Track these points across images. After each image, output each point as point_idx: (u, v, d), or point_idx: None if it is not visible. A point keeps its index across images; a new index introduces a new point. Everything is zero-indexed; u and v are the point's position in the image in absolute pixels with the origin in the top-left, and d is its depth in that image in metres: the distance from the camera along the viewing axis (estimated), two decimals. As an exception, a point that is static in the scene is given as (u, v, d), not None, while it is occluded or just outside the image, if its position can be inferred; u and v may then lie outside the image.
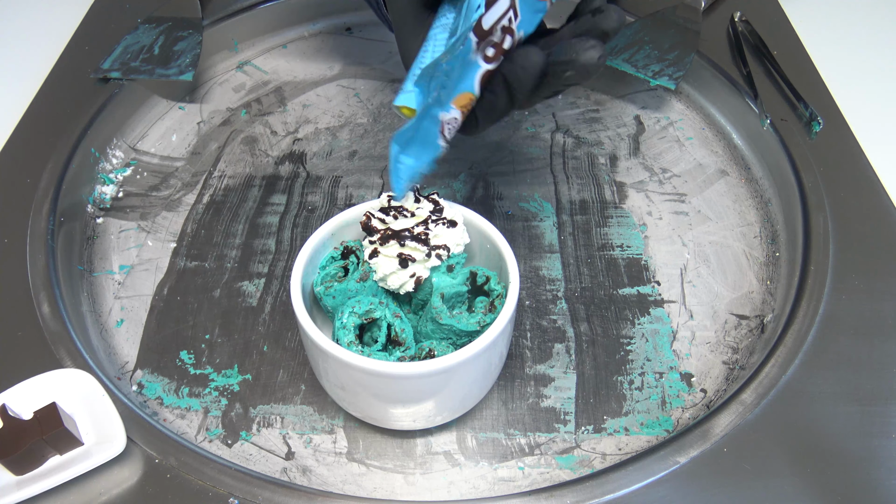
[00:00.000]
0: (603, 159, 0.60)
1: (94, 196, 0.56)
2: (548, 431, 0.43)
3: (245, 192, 0.58)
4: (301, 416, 0.44)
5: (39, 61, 0.64)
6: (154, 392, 0.45)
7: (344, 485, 0.41)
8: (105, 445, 0.38)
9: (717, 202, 0.57)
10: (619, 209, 0.56)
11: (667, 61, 0.61)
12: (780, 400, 0.41)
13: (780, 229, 0.53)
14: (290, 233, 0.55)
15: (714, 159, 0.60)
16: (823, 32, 0.67)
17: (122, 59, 0.62)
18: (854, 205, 0.51)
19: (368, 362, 0.36)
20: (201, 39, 0.63)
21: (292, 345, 0.47)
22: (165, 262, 0.53)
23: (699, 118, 0.64)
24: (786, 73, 0.60)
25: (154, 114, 0.63)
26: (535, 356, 0.47)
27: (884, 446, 0.39)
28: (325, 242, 0.43)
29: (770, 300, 0.49)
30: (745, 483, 0.38)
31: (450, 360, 0.36)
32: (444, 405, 0.40)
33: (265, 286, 0.51)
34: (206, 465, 0.39)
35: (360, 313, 0.39)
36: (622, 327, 0.48)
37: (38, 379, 0.40)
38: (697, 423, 0.40)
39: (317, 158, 0.60)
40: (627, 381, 0.46)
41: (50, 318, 0.45)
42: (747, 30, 0.65)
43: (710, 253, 0.53)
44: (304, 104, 0.65)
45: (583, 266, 0.52)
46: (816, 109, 0.56)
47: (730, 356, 0.47)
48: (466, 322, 0.39)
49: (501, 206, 0.56)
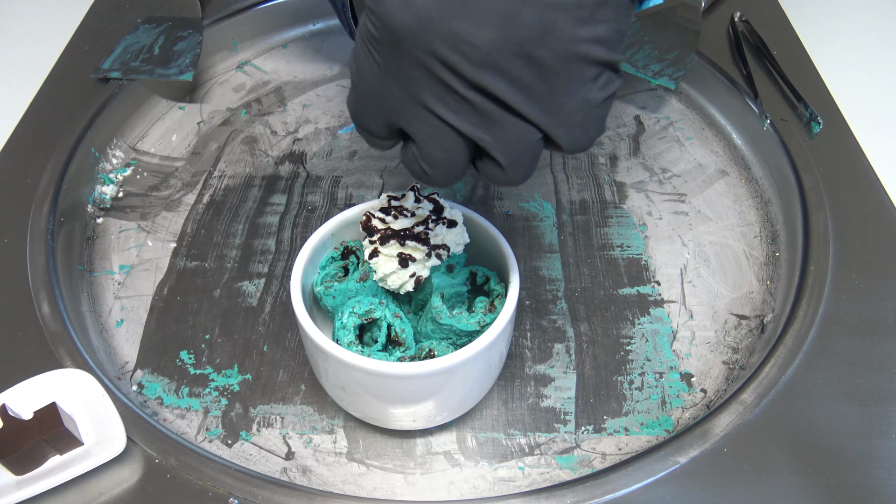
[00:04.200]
0: (603, 159, 0.60)
1: (94, 196, 0.56)
2: (548, 431, 0.43)
3: (245, 192, 0.58)
4: (301, 416, 0.44)
5: (39, 61, 0.64)
6: (154, 392, 0.45)
7: (344, 485, 0.41)
8: (105, 445, 0.38)
9: (717, 202, 0.57)
10: (619, 209, 0.56)
11: (667, 61, 0.61)
12: (780, 400, 0.41)
13: (780, 229, 0.53)
14: (290, 233, 0.55)
15: (714, 159, 0.60)
16: (823, 32, 0.67)
17: (122, 59, 0.62)
18: (854, 205, 0.51)
19: (368, 362, 0.36)
20: (201, 39, 0.63)
21: (292, 345, 0.47)
22: (165, 262, 0.53)
23: (699, 118, 0.64)
24: (786, 73, 0.60)
25: (154, 114, 0.63)
26: (535, 356, 0.47)
27: (884, 446, 0.39)
28: (325, 242, 0.43)
29: (770, 300, 0.49)
30: (745, 483, 0.38)
31: (450, 360, 0.36)
32: (444, 405, 0.40)
33: (265, 286, 0.51)
34: (206, 465, 0.39)
35: (360, 313, 0.39)
36: (622, 327, 0.48)
37: (38, 379, 0.40)
38: (697, 423, 0.40)
39: (317, 158, 0.60)
40: (627, 381, 0.46)
41: (50, 318, 0.45)
42: (747, 30, 0.65)
43: (710, 253, 0.53)
44: (304, 104, 0.65)
45: (583, 266, 0.52)
46: (816, 109, 0.56)
47: (730, 356, 0.47)
48: (466, 322, 0.39)
49: (501, 206, 0.56)
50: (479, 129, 0.30)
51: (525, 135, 0.30)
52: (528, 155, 0.31)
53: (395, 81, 0.30)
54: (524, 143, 0.31)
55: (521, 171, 0.32)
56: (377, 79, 0.31)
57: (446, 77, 0.28)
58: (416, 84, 0.29)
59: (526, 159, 0.32)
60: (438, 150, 0.31)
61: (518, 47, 0.27)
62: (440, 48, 0.28)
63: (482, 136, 0.30)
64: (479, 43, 0.27)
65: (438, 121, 0.30)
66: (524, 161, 0.32)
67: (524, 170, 0.32)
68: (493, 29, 0.27)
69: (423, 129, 0.31)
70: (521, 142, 0.31)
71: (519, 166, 0.32)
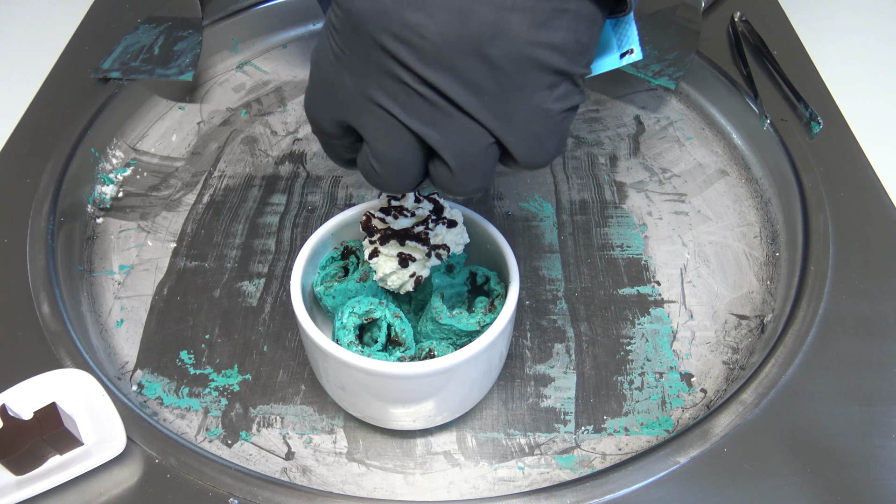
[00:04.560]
0: (603, 159, 0.60)
1: (94, 196, 0.56)
2: (548, 431, 0.43)
3: (245, 192, 0.58)
4: (301, 416, 0.44)
5: (39, 61, 0.64)
6: (154, 392, 0.45)
7: (344, 485, 0.41)
8: (105, 445, 0.38)
9: (717, 202, 0.57)
10: (619, 209, 0.56)
11: (667, 61, 0.61)
12: (780, 400, 0.41)
13: (780, 229, 0.53)
14: (290, 233, 0.55)
15: (714, 159, 0.60)
16: (823, 32, 0.67)
17: (122, 59, 0.62)
18: (854, 205, 0.51)
19: (368, 362, 0.36)
20: (201, 39, 0.63)
21: (292, 345, 0.47)
22: (165, 262, 0.53)
23: (699, 118, 0.64)
24: (786, 73, 0.60)
25: (154, 114, 0.63)
26: (535, 356, 0.47)
27: (884, 446, 0.39)
28: (325, 242, 0.43)
29: (770, 300, 0.49)
30: (745, 483, 0.38)
31: (450, 360, 0.36)
32: (444, 405, 0.40)
33: (265, 286, 0.51)
34: (206, 465, 0.39)
35: (360, 313, 0.39)
36: (622, 327, 0.48)
37: (38, 379, 0.40)
38: (697, 423, 0.40)
39: (317, 158, 0.60)
40: (627, 381, 0.46)
41: (50, 318, 0.45)
42: (747, 30, 0.65)
43: (710, 253, 0.53)
44: (303, 104, 0.65)
45: (583, 266, 0.52)
46: (816, 109, 0.56)
47: (730, 356, 0.47)
48: (466, 322, 0.39)
49: (501, 206, 0.56)
50: (428, 126, 0.29)
51: (476, 137, 0.30)
52: (480, 161, 0.30)
53: (348, 72, 0.30)
54: (474, 147, 0.30)
55: (472, 177, 0.31)
56: (332, 68, 0.30)
57: (396, 69, 0.28)
58: (368, 75, 0.29)
59: (477, 165, 0.31)
60: (387, 147, 0.31)
61: (471, 44, 0.27)
62: (392, 39, 0.27)
63: (431, 133, 0.30)
64: (431, 36, 0.27)
65: (387, 115, 0.30)
66: (475, 167, 0.31)
67: (475, 177, 0.31)
68: (446, 23, 0.27)
69: (372, 123, 0.30)
70: (472, 144, 0.30)
71: (469, 172, 0.31)
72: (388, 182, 0.32)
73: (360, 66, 0.29)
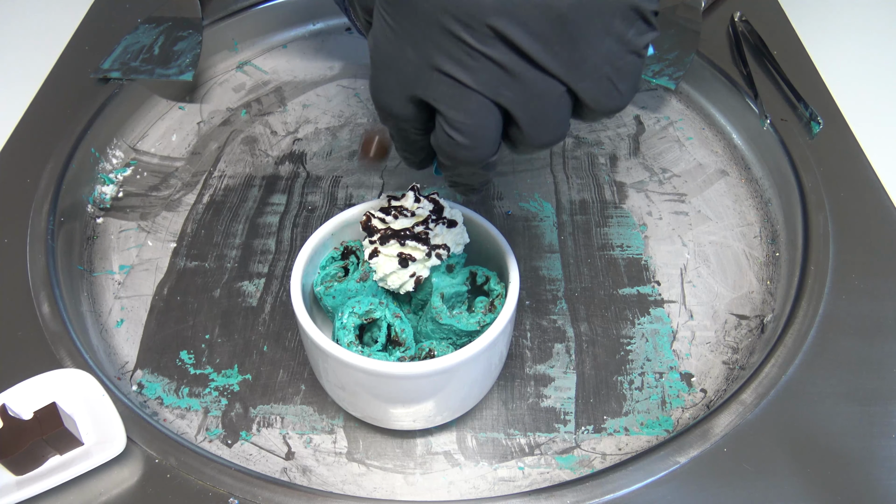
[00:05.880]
0: (603, 159, 0.60)
1: (94, 196, 0.56)
2: (548, 431, 0.43)
3: (245, 192, 0.58)
4: (301, 416, 0.44)
5: (39, 61, 0.64)
6: (154, 392, 0.45)
7: (344, 485, 0.41)
8: (105, 445, 0.38)
9: (717, 202, 0.57)
10: (619, 209, 0.56)
11: (667, 61, 0.61)
12: (780, 400, 0.41)
13: (780, 229, 0.53)
14: (290, 233, 0.55)
15: (714, 159, 0.60)
16: (823, 32, 0.67)
17: (122, 59, 0.62)
18: (854, 205, 0.51)
19: (368, 362, 0.36)
20: (201, 39, 0.63)
21: (292, 345, 0.47)
22: (165, 262, 0.53)
23: (699, 118, 0.64)
24: (786, 73, 0.60)
25: (154, 114, 0.63)
26: (535, 356, 0.47)
27: (884, 446, 0.39)
28: (325, 242, 0.43)
29: (770, 300, 0.49)
30: (745, 483, 0.38)
31: (450, 360, 0.36)
32: (444, 405, 0.40)
33: (265, 286, 0.51)
34: (206, 465, 0.39)
35: (360, 313, 0.39)
36: (622, 327, 0.48)
37: (38, 379, 0.40)
38: (697, 423, 0.40)
39: (317, 158, 0.60)
40: (627, 381, 0.46)
41: (50, 318, 0.45)
42: (747, 30, 0.65)
43: (710, 253, 0.53)
44: (304, 104, 0.65)
45: (583, 266, 0.52)
46: (816, 109, 0.56)
47: (730, 356, 0.47)
48: (466, 322, 0.39)
49: (501, 206, 0.56)
50: (497, 86, 0.28)
51: (547, 88, 0.29)
52: (551, 113, 0.29)
53: (409, 44, 0.29)
54: (545, 99, 0.29)
55: (544, 131, 0.30)
56: (391, 45, 0.30)
57: (458, 30, 0.27)
58: (430, 43, 0.28)
59: (548, 118, 0.30)
60: (462, 114, 0.30)
61: None
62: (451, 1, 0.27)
63: (502, 92, 0.29)
64: None
65: (456, 83, 0.29)
66: (546, 119, 0.30)
67: (547, 130, 0.30)
68: None
69: (443, 91, 0.29)
70: (543, 96, 0.29)
71: (540, 125, 0.30)
72: (469, 151, 0.31)
73: (421, 35, 0.28)
